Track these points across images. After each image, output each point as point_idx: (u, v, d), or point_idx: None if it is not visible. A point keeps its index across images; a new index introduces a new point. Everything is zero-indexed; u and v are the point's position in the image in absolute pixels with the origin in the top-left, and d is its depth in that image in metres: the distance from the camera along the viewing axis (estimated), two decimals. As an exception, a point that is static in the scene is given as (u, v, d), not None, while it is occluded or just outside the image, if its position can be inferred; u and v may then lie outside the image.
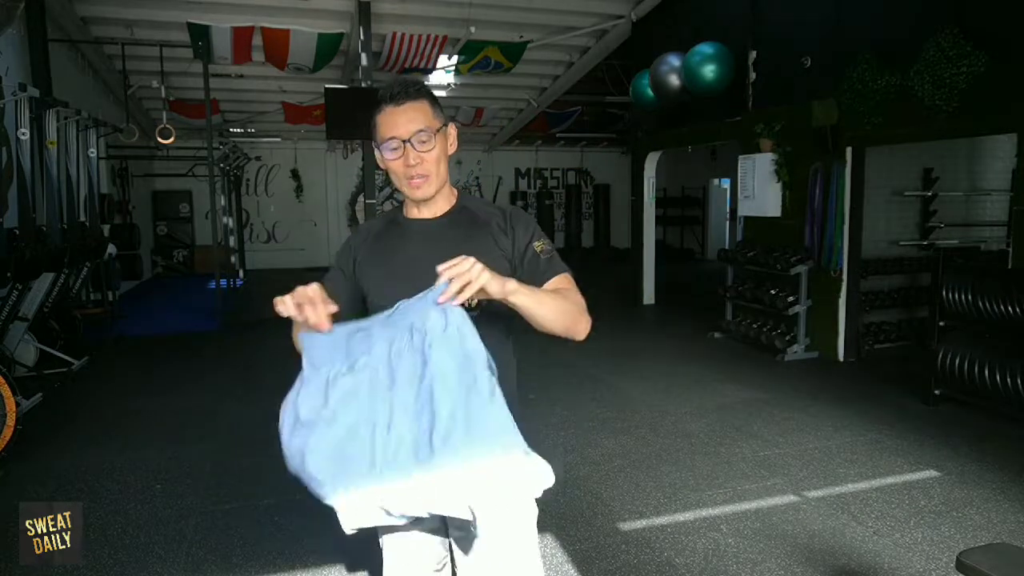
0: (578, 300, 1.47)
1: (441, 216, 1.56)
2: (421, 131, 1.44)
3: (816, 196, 6.29)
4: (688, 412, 4.83)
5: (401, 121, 1.45)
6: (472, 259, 1.22)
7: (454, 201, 1.58)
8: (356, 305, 1.57)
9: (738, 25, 7.17)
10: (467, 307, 1.25)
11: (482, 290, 1.22)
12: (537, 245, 1.51)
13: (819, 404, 4.95)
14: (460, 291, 1.20)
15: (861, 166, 6.08)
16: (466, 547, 1.47)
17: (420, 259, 1.43)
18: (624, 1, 9.09)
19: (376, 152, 1.52)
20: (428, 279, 1.27)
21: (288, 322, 1.37)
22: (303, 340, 1.32)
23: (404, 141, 1.44)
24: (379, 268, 1.55)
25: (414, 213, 1.57)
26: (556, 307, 1.38)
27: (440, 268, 1.22)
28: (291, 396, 1.32)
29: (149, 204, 13.79)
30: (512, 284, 1.28)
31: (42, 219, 5.77)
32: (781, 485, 3.60)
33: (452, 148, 1.53)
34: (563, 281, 1.49)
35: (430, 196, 1.51)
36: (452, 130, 1.53)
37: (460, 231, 1.52)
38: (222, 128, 12.80)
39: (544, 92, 12.05)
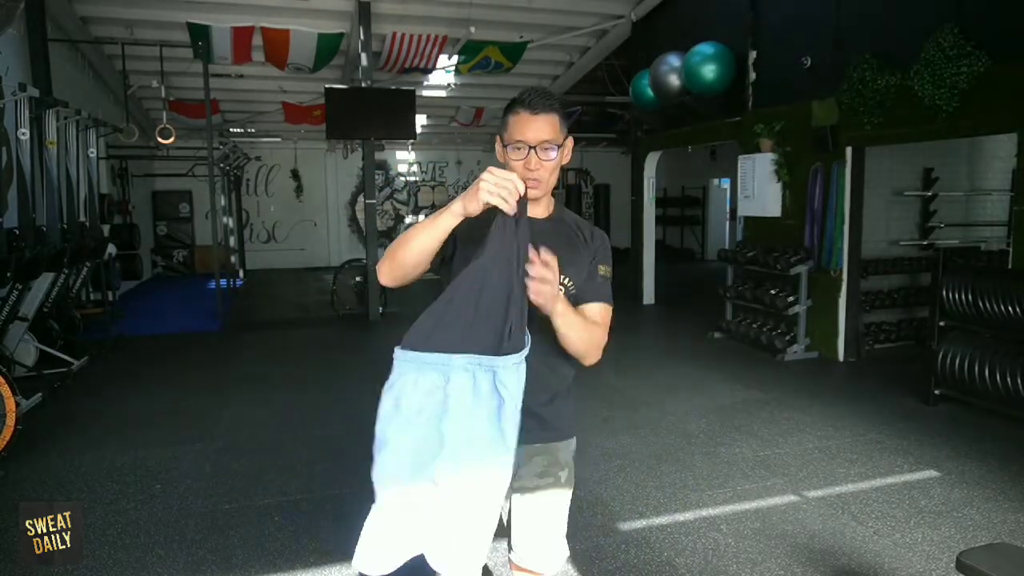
0: (601, 337, 1.66)
1: (544, 219, 1.71)
2: (547, 141, 1.59)
3: (816, 196, 6.30)
4: (688, 412, 4.83)
5: (532, 128, 1.59)
6: (551, 271, 1.44)
7: (552, 208, 1.75)
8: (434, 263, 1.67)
9: (738, 25, 7.18)
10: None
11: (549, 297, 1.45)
12: (602, 268, 1.72)
13: (819, 404, 4.96)
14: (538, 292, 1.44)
15: (861, 166, 6.08)
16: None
17: None
18: (624, 1, 9.09)
19: (499, 147, 1.68)
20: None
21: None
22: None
23: (531, 147, 1.59)
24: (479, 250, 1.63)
25: None
26: (582, 338, 1.59)
27: (533, 270, 1.43)
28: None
29: (149, 204, 13.78)
30: (560, 307, 1.50)
31: (42, 219, 5.77)
32: (781, 485, 3.60)
33: (566, 160, 1.69)
34: (602, 312, 1.69)
35: (538, 198, 1.68)
36: (570, 143, 1.68)
37: (560, 234, 1.70)
38: (222, 128, 12.80)
39: (544, 92, 12.03)
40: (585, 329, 1.59)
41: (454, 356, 1.43)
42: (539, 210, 1.70)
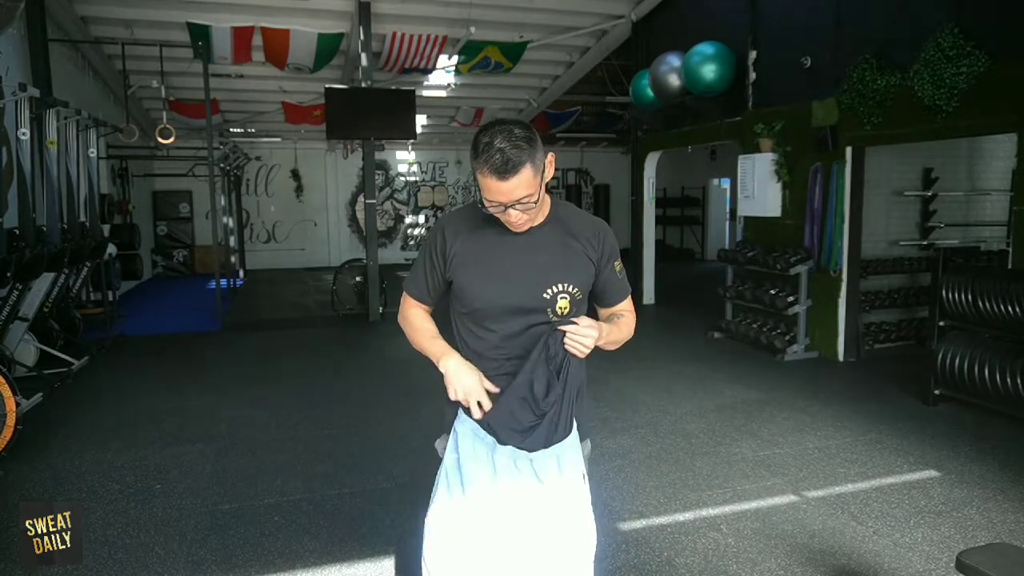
0: (633, 321, 1.78)
1: (539, 225, 1.67)
2: (524, 196, 1.52)
3: (816, 196, 6.30)
4: (688, 412, 4.83)
5: (504, 191, 1.50)
6: (594, 330, 1.55)
7: (547, 210, 1.69)
8: (443, 291, 1.75)
9: (738, 25, 7.17)
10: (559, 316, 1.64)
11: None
12: (617, 265, 1.75)
13: (819, 404, 4.96)
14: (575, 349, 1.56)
15: (861, 166, 6.08)
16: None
17: (520, 263, 1.63)
18: (624, 1, 9.09)
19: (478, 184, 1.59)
20: (527, 281, 1.61)
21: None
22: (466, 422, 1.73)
23: (507, 206, 1.54)
24: (478, 267, 1.64)
25: None
26: (622, 336, 1.72)
27: (565, 329, 1.55)
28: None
29: (149, 204, 13.79)
30: (600, 340, 1.60)
31: (42, 219, 5.77)
32: (781, 485, 3.60)
33: (549, 176, 1.59)
34: (629, 302, 1.82)
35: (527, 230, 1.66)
36: (551, 160, 1.59)
37: (557, 239, 1.67)
38: (222, 128, 12.79)
39: (544, 92, 12.05)
40: (620, 331, 1.71)
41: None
42: (536, 218, 1.66)
